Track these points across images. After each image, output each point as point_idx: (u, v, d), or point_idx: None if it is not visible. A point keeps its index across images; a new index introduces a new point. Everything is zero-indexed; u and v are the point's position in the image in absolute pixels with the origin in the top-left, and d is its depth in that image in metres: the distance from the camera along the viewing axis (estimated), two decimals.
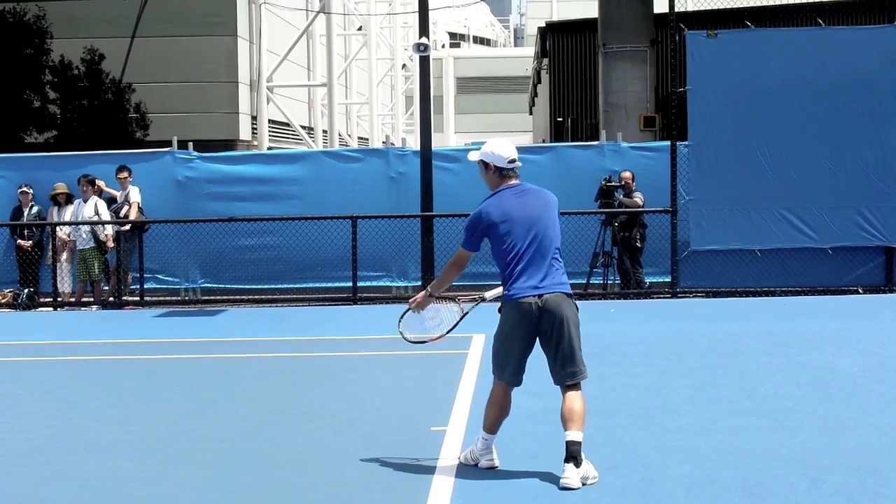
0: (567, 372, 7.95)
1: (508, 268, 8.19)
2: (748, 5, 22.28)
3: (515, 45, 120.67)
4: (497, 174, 8.24)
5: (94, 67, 39.21)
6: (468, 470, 8.07)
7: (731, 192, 19.10)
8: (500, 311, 8.25)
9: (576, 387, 7.95)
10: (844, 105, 19.06)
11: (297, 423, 9.92)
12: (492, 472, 7.98)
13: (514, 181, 8.27)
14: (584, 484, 7.65)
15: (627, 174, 19.66)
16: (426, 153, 19.90)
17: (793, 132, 19.06)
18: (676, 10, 19.53)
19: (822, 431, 9.11)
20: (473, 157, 8.36)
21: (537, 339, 8.08)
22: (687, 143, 19.31)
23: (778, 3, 29.00)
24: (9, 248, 20.91)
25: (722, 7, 21.46)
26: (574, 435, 7.72)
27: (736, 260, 19.23)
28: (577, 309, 8.26)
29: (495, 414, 8.13)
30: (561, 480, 7.64)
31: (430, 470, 8.13)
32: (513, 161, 8.22)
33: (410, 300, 8.61)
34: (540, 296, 8.04)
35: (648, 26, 27.96)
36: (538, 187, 8.39)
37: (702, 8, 22.08)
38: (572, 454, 7.67)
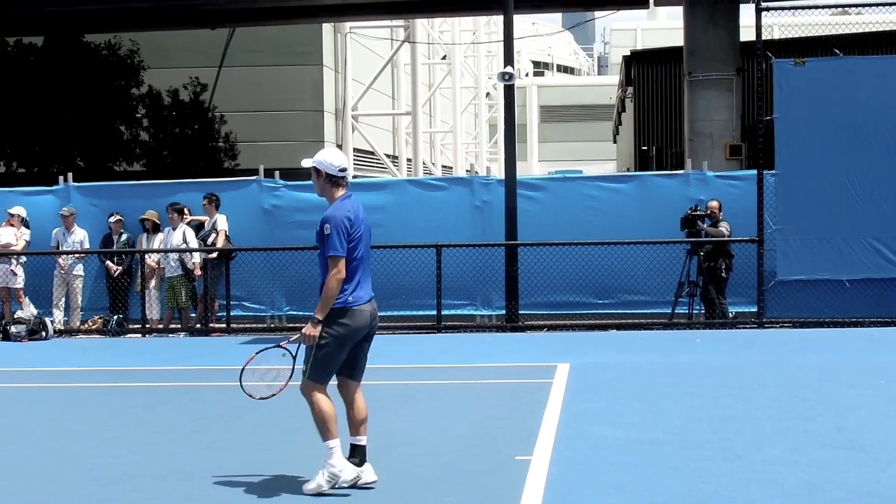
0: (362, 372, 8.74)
1: (353, 276, 8.57)
2: (836, 33, 22.03)
3: (599, 74, 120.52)
4: (328, 181, 8.77)
5: (188, 98, 39.74)
6: (555, 499, 8.02)
7: (818, 222, 18.92)
8: (324, 321, 8.48)
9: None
10: None
11: (381, 450, 9.91)
12: (577, 502, 7.91)
13: (344, 191, 8.82)
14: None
15: (714, 203, 19.53)
16: (510, 182, 19.90)
17: (882, 161, 18.86)
18: (763, 38, 19.40)
19: None
20: (307, 163, 8.89)
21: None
22: (774, 171, 19.18)
23: (867, 30, 28.70)
24: (99, 275, 21.19)
25: (810, 35, 21.26)
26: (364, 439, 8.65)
27: (823, 290, 19.02)
28: None
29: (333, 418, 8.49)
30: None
31: (515, 499, 8.09)
32: (343, 170, 8.77)
33: (304, 335, 8.57)
34: (372, 302, 8.70)
35: (735, 54, 27.80)
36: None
37: (789, 36, 21.91)
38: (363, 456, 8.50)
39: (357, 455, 8.57)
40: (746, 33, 24.80)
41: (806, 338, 17.96)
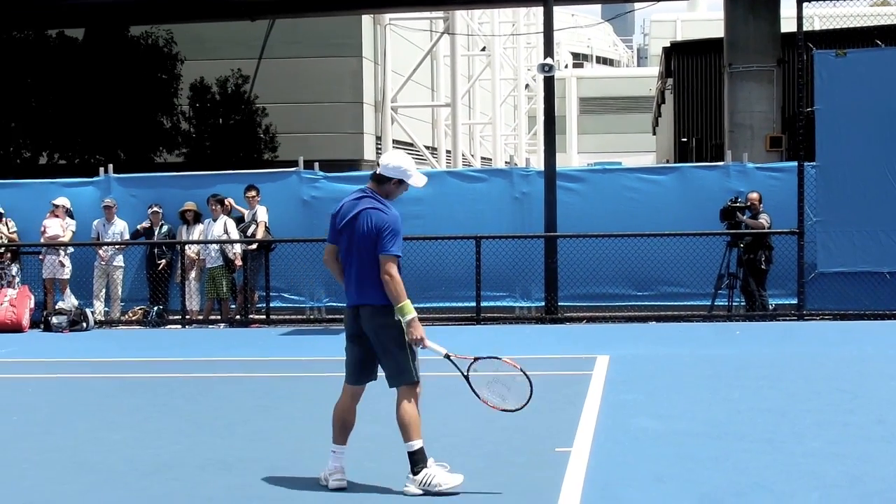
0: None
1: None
2: (878, 24, 21.91)
3: (638, 66, 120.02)
4: (396, 186, 8.80)
5: (230, 89, 39.86)
6: (594, 491, 8.03)
7: (859, 214, 18.83)
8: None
9: (399, 393, 8.46)
10: None
11: (425, 441, 9.93)
12: (617, 493, 7.91)
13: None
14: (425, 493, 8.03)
15: (754, 195, 19.45)
16: (550, 173, 19.88)
17: None
18: (804, 29, 19.31)
19: None
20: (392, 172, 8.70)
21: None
22: (814, 163, 19.10)
23: None
24: (140, 266, 21.29)
25: (851, 26, 21.14)
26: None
27: (864, 282, 18.93)
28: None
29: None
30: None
31: (555, 491, 8.09)
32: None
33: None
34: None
35: (775, 46, 27.67)
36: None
37: (830, 27, 21.79)
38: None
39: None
40: (787, 24, 24.69)
41: (846, 330, 17.89)
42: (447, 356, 8.48)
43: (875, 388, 12.28)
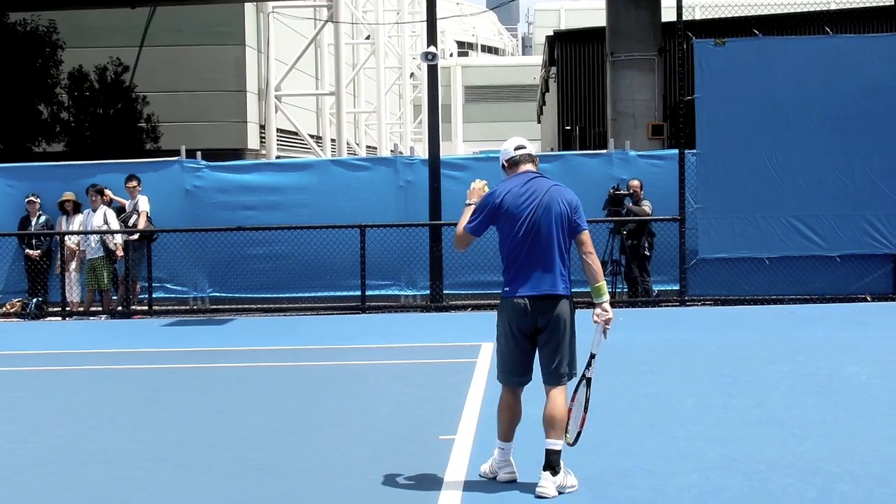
0: (549, 372, 7.93)
1: (509, 267, 8.14)
2: (756, 14, 22.24)
3: (523, 54, 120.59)
4: (509, 167, 8.17)
5: (110, 78, 39.27)
6: (477, 480, 8.07)
7: (739, 201, 19.12)
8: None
9: (559, 389, 7.92)
10: (852, 113, 19.08)
11: (305, 432, 9.92)
12: (500, 483, 7.96)
13: (524, 167, 8.13)
14: (560, 493, 7.66)
15: (636, 182, 19.66)
16: (434, 162, 19.92)
17: (801, 140, 19.07)
18: (684, 18, 19.55)
19: (830, 439, 9.10)
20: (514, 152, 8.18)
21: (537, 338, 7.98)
22: (695, 151, 19.34)
23: (786, 11, 28.96)
24: (17, 257, 20.94)
25: (730, 16, 21.46)
26: (553, 444, 7.74)
27: (744, 268, 19.24)
28: (573, 310, 8.12)
29: (505, 419, 8.09)
30: (536, 489, 7.67)
31: (439, 479, 8.12)
32: (519, 147, 8.15)
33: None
34: (534, 296, 7.93)
35: (656, 35, 27.93)
36: (554, 181, 8.13)
37: (709, 17, 22.09)
38: (551, 463, 7.70)
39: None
40: (668, 14, 24.95)
41: (727, 315, 18.15)
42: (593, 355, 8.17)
43: (754, 372, 12.47)
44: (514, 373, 8.03)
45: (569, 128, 40.30)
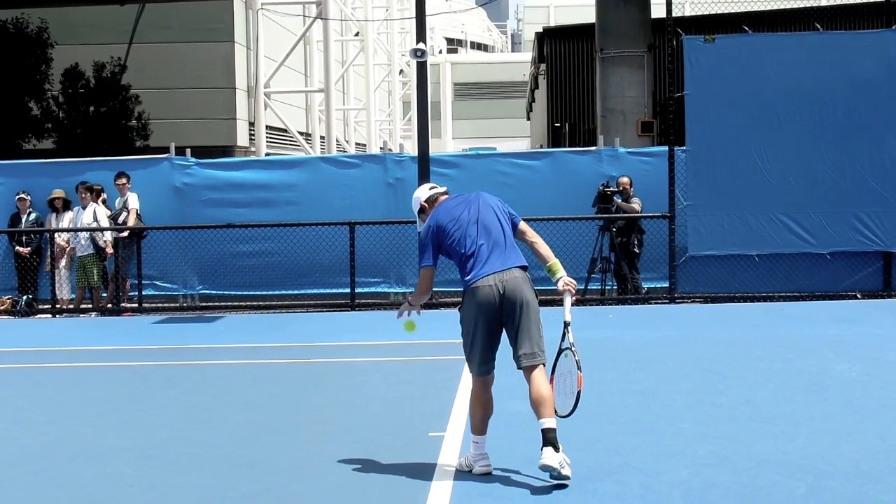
0: (524, 354, 8.02)
1: (466, 263, 8.28)
2: (746, 10, 22.22)
3: (513, 51, 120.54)
4: (430, 206, 8.58)
5: (99, 75, 39.21)
6: (466, 475, 8.08)
7: (728, 198, 19.12)
8: (459, 308, 8.28)
9: (538, 369, 8.01)
10: (843, 110, 19.09)
11: (294, 429, 9.92)
12: (490, 478, 7.98)
13: (443, 199, 8.61)
14: (561, 467, 7.69)
15: (625, 179, 19.65)
16: (423, 159, 19.88)
17: (791, 137, 19.08)
18: (674, 15, 19.56)
19: (819, 436, 9.11)
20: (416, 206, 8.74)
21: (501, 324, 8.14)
22: (685, 148, 19.33)
23: (776, 8, 28.99)
24: (7, 254, 20.91)
25: (720, 12, 21.44)
26: (547, 422, 7.79)
27: (734, 265, 19.25)
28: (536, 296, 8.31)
29: (478, 413, 8.19)
30: (540, 461, 7.70)
31: (428, 475, 8.12)
32: (433, 188, 8.73)
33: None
34: (501, 272, 8.22)
35: (646, 31, 27.95)
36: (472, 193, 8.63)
37: (699, 13, 22.07)
38: (550, 441, 7.74)
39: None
40: (658, 10, 24.96)
41: (716, 312, 18.16)
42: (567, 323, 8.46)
43: (743, 369, 12.48)
44: (486, 359, 8.15)
45: (558, 124, 40.32)
